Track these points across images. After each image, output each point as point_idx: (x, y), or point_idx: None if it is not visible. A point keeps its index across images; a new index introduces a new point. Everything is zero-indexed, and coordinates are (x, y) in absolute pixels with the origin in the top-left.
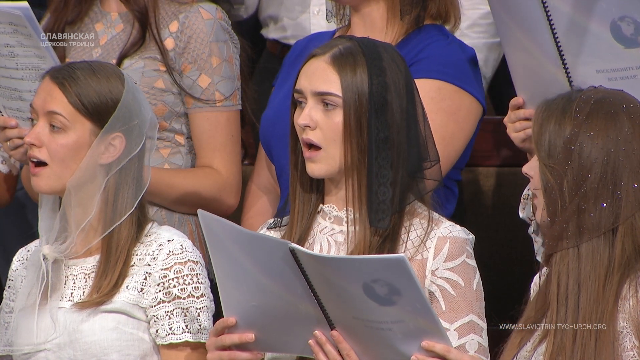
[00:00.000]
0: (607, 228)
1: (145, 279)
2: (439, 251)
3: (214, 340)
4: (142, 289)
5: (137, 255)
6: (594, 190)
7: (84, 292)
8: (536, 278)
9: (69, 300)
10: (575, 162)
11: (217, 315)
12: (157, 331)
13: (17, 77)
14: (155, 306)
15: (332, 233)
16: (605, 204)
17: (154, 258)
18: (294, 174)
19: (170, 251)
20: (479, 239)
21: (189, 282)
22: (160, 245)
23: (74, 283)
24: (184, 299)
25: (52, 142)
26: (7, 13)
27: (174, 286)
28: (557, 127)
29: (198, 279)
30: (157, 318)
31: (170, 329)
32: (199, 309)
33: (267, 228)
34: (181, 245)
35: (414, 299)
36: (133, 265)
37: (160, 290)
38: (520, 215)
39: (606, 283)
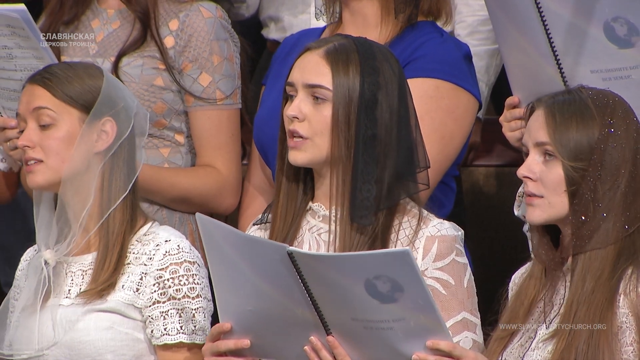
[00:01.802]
0: None
1: (141, 278)
2: (427, 251)
3: (210, 346)
4: (137, 289)
5: (134, 253)
6: (631, 188)
7: (80, 288)
8: (515, 277)
9: (67, 297)
10: (608, 162)
11: (215, 316)
12: (152, 331)
13: (16, 78)
14: (150, 306)
15: (320, 232)
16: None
17: (150, 258)
18: (279, 166)
19: (166, 251)
20: (478, 239)
21: (184, 283)
22: (158, 245)
23: (72, 280)
24: (179, 299)
25: (45, 139)
26: (4, 15)
27: (170, 286)
28: (583, 129)
29: (194, 279)
30: (152, 318)
31: (164, 329)
32: (194, 309)
33: (254, 224)
34: (178, 245)
35: (417, 295)
36: (129, 264)
37: (155, 291)
38: (515, 212)
39: (613, 278)
